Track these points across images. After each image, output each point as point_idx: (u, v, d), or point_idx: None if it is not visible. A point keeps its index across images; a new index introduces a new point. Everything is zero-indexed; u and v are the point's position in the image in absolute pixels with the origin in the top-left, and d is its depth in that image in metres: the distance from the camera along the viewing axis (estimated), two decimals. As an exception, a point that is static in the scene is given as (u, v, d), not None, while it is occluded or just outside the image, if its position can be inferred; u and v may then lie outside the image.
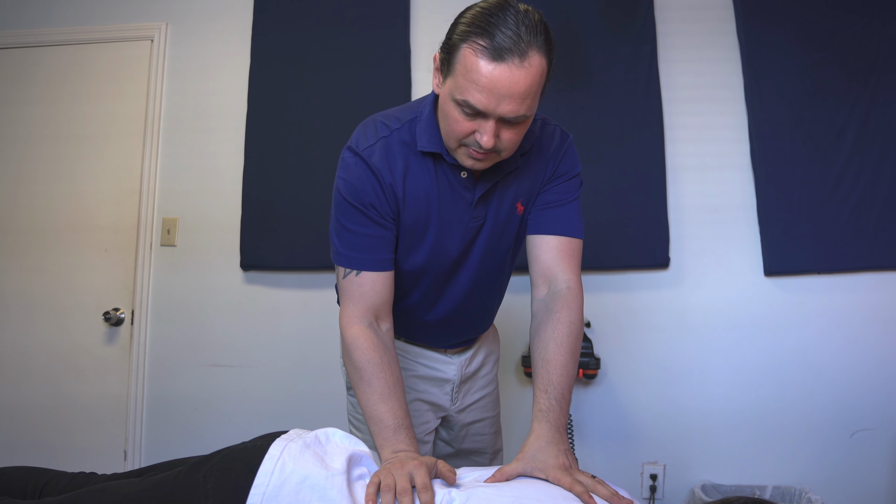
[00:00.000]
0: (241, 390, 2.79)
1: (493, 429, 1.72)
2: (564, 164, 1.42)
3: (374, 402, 1.22)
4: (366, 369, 1.25)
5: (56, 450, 2.82)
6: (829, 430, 2.49)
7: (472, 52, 1.10)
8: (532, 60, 1.10)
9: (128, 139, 2.96)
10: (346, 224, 1.32)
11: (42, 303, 2.92)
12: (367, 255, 1.31)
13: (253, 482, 1.06)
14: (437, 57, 1.21)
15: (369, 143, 1.32)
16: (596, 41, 2.68)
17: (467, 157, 1.24)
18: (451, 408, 1.62)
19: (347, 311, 1.32)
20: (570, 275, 1.37)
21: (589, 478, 1.11)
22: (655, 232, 2.58)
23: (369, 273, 1.31)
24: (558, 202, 1.41)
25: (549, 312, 1.33)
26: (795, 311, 2.55)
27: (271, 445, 1.12)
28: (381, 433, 1.20)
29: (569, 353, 1.28)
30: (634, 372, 2.60)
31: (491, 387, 1.71)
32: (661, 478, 2.54)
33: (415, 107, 1.38)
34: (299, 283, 2.78)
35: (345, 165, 1.32)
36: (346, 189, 1.31)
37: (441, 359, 1.60)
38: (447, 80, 1.18)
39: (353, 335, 1.28)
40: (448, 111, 1.19)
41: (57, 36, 3.04)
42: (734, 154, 2.63)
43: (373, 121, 1.37)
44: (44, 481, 1.41)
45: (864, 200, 2.50)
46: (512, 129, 1.18)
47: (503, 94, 1.10)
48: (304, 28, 2.84)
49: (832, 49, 2.58)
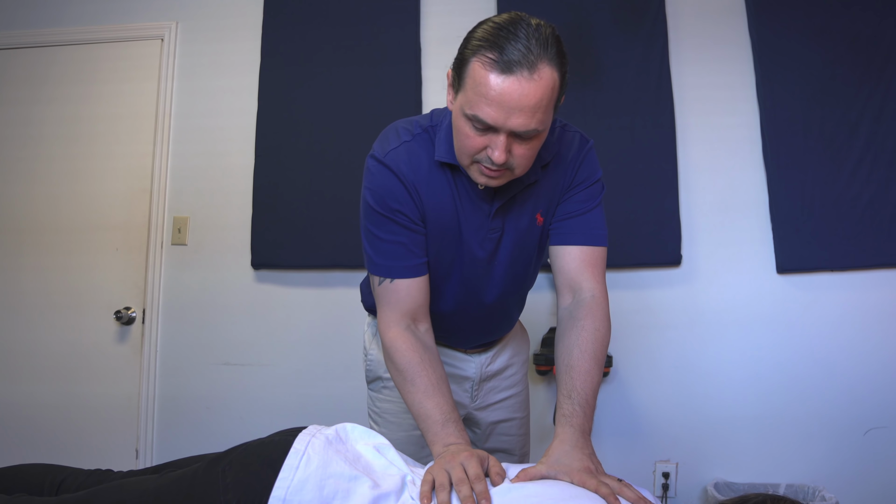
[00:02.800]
0: (252, 389, 2.79)
1: (521, 430, 1.71)
2: (583, 171, 1.40)
3: (420, 400, 1.23)
4: (407, 370, 1.26)
5: (68, 448, 2.83)
6: (842, 427, 2.47)
7: (482, 66, 1.09)
8: (542, 73, 1.09)
9: (139, 138, 2.96)
10: (376, 233, 1.32)
11: (53, 302, 2.93)
12: (400, 263, 1.32)
13: (277, 476, 1.06)
14: (450, 74, 1.21)
15: (391, 146, 1.32)
16: (607, 40, 2.67)
17: (480, 174, 1.23)
18: (470, 405, 1.61)
19: (385, 316, 1.33)
20: (594, 283, 1.36)
21: (615, 481, 1.10)
22: (667, 229, 2.57)
23: (403, 280, 1.32)
24: (580, 211, 1.39)
25: (574, 320, 1.32)
26: (808, 309, 2.53)
27: (296, 439, 1.13)
28: (430, 429, 1.20)
29: (592, 359, 1.27)
30: (646, 369, 2.59)
31: (518, 387, 1.69)
32: (673, 476, 2.53)
33: (436, 116, 1.37)
34: (311, 281, 2.78)
35: (369, 174, 1.33)
36: (373, 198, 1.31)
37: (461, 357, 1.60)
38: (458, 96, 1.17)
39: (392, 339, 1.30)
40: (459, 127, 1.18)
41: (67, 36, 3.06)
42: (746, 151, 2.62)
43: (393, 128, 1.37)
44: (60, 478, 1.41)
45: (878, 197, 2.49)
46: (524, 144, 1.17)
47: (513, 107, 1.09)
48: (315, 26, 2.84)
49: (844, 46, 2.57)
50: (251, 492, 1.06)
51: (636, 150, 2.60)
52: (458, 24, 2.81)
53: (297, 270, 2.79)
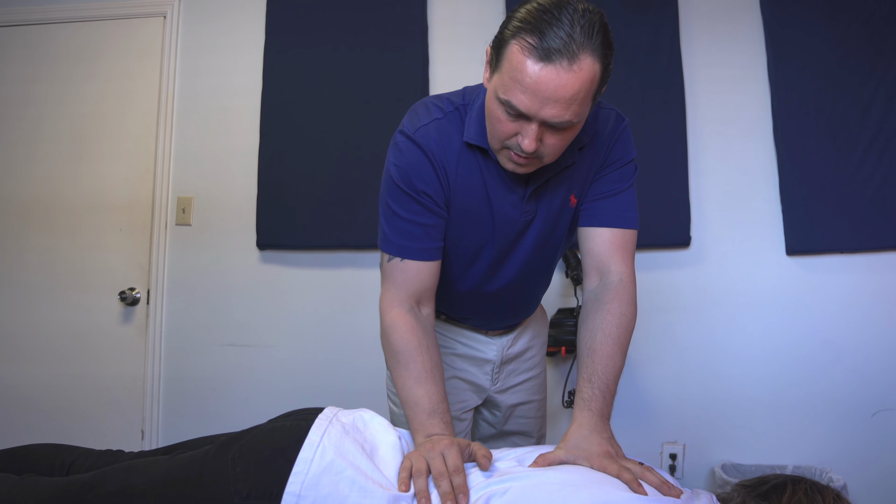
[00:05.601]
0: (257, 370, 2.78)
1: (539, 412, 1.70)
2: (617, 149, 1.36)
3: (411, 386, 1.20)
4: (403, 353, 1.23)
5: (73, 429, 2.82)
6: (850, 409, 2.47)
7: (520, 50, 1.05)
8: (583, 64, 1.03)
9: (142, 118, 2.93)
10: (396, 210, 1.28)
11: (57, 283, 2.91)
12: (416, 244, 1.28)
13: (290, 469, 1.03)
14: (489, 51, 1.16)
15: (422, 122, 1.28)
16: (617, 18, 2.62)
17: (508, 160, 1.20)
18: (490, 388, 1.60)
19: (389, 294, 1.29)
20: (623, 266, 1.33)
21: (637, 465, 1.08)
22: (677, 210, 2.55)
23: (415, 262, 1.28)
24: (612, 192, 1.35)
25: (599, 303, 1.30)
26: (817, 291, 2.52)
27: (310, 430, 1.09)
28: (416, 417, 1.18)
29: (615, 344, 1.25)
30: (654, 351, 2.58)
31: (537, 370, 1.68)
32: (680, 457, 2.53)
33: (468, 94, 1.33)
34: (316, 262, 2.77)
35: (397, 150, 1.29)
36: (399, 175, 1.27)
37: (482, 339, 1.57)
38: (494, 77, 1.13)
39: (392, 318, 1.26)
40: (492, 109, 1.15)
41: (68, 12, 3.01)
42: (757, 132, 2.59)
43: (423, 104, 1.32)
44: (71, 459, 1.40)
45: (889, 179, 2.46)
46: (556, 134, 1.13)
47: (547, 97, 1.05)
48: (319, 4, 2.80)
49: (857, 25, 2.53)
50: (263, 482, 1.04)
51: (646, 129, 2.56)
52: (466, 2, 2.79)
53: (303, 251, 2.77)
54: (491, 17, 2.69)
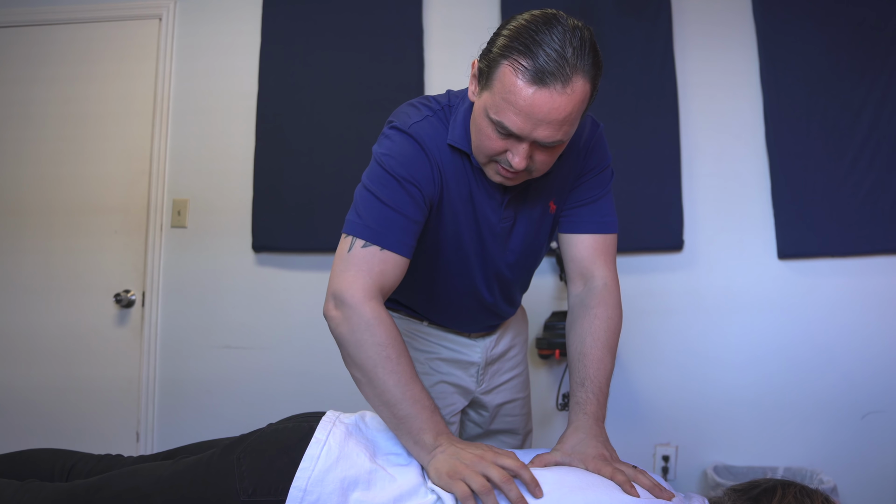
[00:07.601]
0: (253, 372, 2.79)
1: (524, 410, 1.72)
2: (593, 157, 1.38)
3: (406, 382, 1.12)
4: (393, 347, 1.13)
5: (68, 432, 2.83)
6: (840, 412, 2.49)
7: (513, 72, 1.04)
8: (575, 86, 1.04)
9: (137, 119, 2.93)
10: (380, 195, 1.20)
11: (52, 285, 2.91)
12: (395, 236, 1.19)
13: (296, 465, 1.06)
14: (476, 64, 1.15)
15: (414, 119, 1.26)
16: (610, 22, 2.65)
17: (496, 173, 1.20)
18: (476, 389, 1.61)
19: (358, 282, 1.16)
20: (606, 270, 1.37)
21: (630, 468, 1.10)
22: (669, 214, 2.57)
23: (393, 254, 1.19)
24: (591, 199, 1.38)
25: (586, 308, 1.33)
26: (808, 294, 2.54)
27: (317, 428, 1.12)
28: (419, 414, 1.10)
29: (605, 347, 1.28)
30: (647, 353, 2.60)
31: (520, 368, 1.70)
32: (673, 459, 2.55)
33: (453, 97, 1.33)
34: (312, 264, 2.78)
35: (389, 142, 1.24)
36: (391, 163, 1.21)
37: (466, 342, 1.58)
38: (483, 93, 1.13)
39: (375, 311, 1.15)
40: (481, 126, 1.14)
41: (63, 14, 3.01)
42: (749, 136, 2.62)
43: (410, 104, 1.33)
44: (70, 463, 1.41)
45: (880, 183, 2.49)
46: (546, 151, 1.14)
47: (541, 119, 1.06)
48: (315, 7, 2.81)
49: (849, 31, 2.55)
50: (268, 479, 1.06)
51: (639, 133, 2.59)
52: (461, 5, 2.81)
53: (299, 253, 2.78)
54: (486, 22, 2.70)
